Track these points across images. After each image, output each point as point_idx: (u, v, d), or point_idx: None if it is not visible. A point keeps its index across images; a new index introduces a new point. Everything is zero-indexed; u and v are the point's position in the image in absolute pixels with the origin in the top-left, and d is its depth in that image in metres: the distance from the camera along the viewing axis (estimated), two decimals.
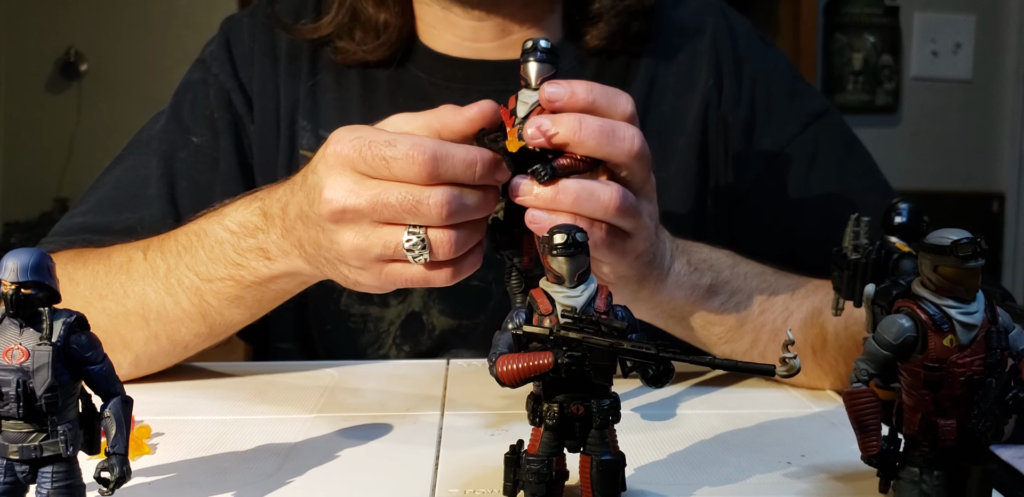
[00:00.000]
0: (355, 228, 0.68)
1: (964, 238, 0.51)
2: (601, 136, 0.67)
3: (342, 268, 0.71)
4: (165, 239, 0.85)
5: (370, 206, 0.66)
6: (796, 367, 0.52)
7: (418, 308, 1.03)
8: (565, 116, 0.67)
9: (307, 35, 1.05)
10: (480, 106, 0.70)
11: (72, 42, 3.17)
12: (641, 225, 0.73)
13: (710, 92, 1.05)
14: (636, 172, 0.71)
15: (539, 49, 0.70)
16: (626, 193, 0.70)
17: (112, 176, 1.03)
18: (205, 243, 0.81)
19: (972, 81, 3.32)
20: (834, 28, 3.28)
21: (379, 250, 0.67)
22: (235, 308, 0.83)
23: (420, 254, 0.67)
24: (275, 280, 0.79)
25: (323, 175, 0.68)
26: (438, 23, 1.03)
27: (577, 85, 0.69)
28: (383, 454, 0.69)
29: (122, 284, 0.85)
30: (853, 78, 3.27)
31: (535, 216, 0.68)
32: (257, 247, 0.77)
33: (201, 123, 1.04)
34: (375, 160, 0.66)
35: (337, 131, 0.69)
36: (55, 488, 0.51)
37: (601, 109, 0.69)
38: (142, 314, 0.84)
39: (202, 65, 1.08)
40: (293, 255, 0.76)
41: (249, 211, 0.79)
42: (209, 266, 0.80)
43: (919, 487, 0.54)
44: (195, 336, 0.86)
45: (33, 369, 0.50)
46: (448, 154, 0.65)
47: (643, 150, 0.70)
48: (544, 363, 0.53)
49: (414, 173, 0.65)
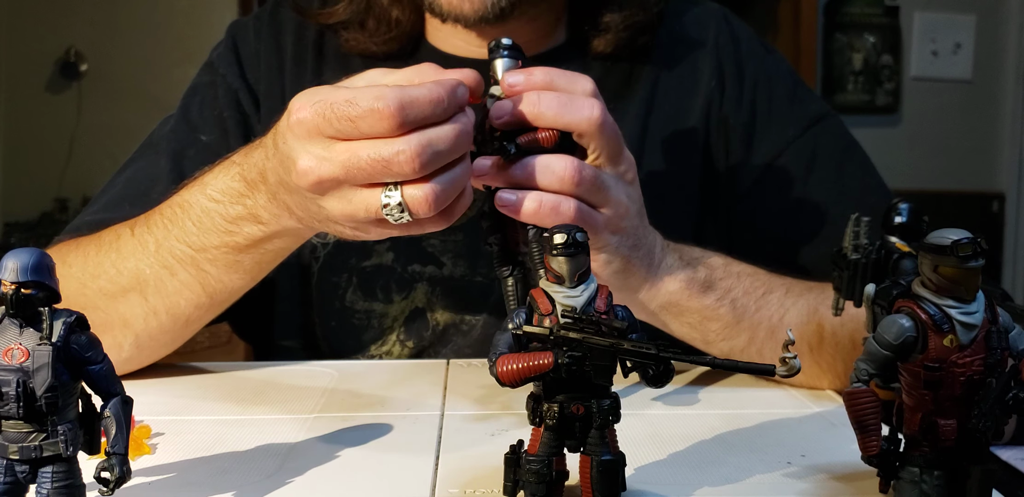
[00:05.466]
0: (336, 194, 0.67)
1: (964, 238, 0.51)
2: (559, 106, 0.70)
3: (335, 227, 0.72)
4: (151, 214, 0.85)
5: (344, 172, 0.65)
6: (796, 367, 0.52)
7: (422, 304, 1.03)
8: (524, 94, 0.70)
9: (321, 20, 1.05)
10: (463, 71, 0.71)
11: (72, 42, 3.17)
12: (612, 199, 0.74)
13: (712, 94, 1.06)
14: (603, 145, 0.72)
15: (502, 46, 0.74)
16: (582, 164, 0.71)
17: (123, 177, 1.04)
18: (191, 214, 0.80)
19: (972, 81, 3.32)
20: (834, 28, 3.28)
21: (363, 214, 0.67)
22: (234, 273, 0.83)
23: (400, 217, 0.66)
24: (271, 240, 0.79)
25: (292, 145, 0.67)
26: (444, 27, 1.04)
27: (535, 70, 0.71)
28: (383, 454, 0.69)
29: (113, 263, 0.85)
30: (853, 78, 3.27)
31: (501, 197, 0.69)
32: (247, 213, 0.77)
33: (210, 122, 1.05)
34: (340, 122, 0.65)
35: (297, 97, 0.67)
36: (55, 488, 0.51)
37: (559, 88, 0.71)
38: (139, 290, 0.84)
39: (210, 68, 1.09)
40: (284, 217, 0.76)
41: (229, 177, 0.78)
42: (200, 236, 0.80)
43: (919, 487, 0.54)
44: (195, 307, 0.85)
45: (33, 369, 0.50)
46: (412, 98, 0.64)
47: (604, 118, 0.71)
48: (544, 363, 0.53)
49: (383, 127, 0.64)
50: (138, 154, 1.06)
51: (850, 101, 3.25)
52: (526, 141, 0.70)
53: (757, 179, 1.05)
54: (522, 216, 0.71)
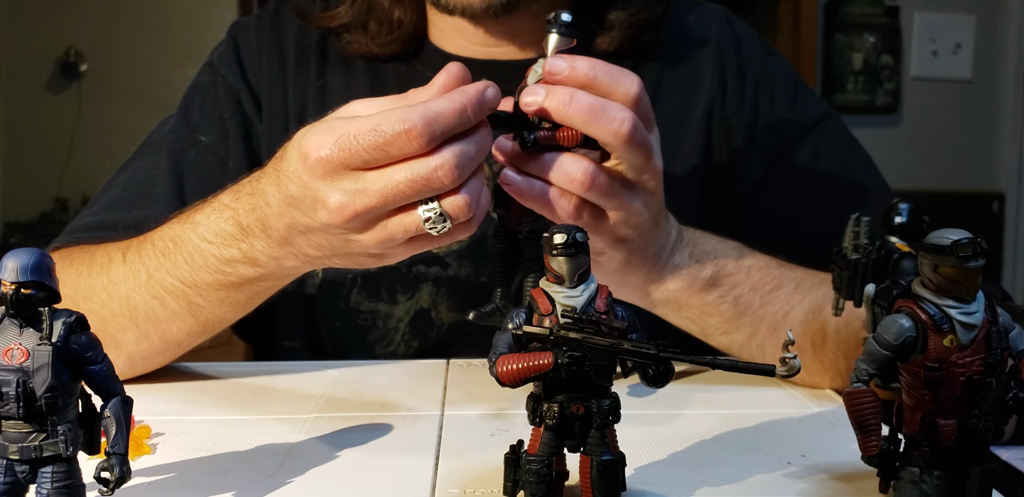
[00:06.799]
0: (372, 224, 0.67)
1: (964, 238, 0.51)
2: (589, 113, 0.67)
3: (359, 259, 0.71)
4: (143, 242, 0.84)
5: (382, 200, 0.65)
6: (796, 367, 0.52)
7: (427, 305, 1.03)
8: (560, 88, 0.68)
9: (322, 23, 1.05)
10: (447, 70, 0.70)
11: (72, 42, 3.17)
12: (623, 208, 0.73)
13: (714, 94, 1.06)
14: (629, 157, 0.71)
15: (560, 22, 0.70)
16: (597, 172, 0.70)
17: (122, 177, 1.04)
18: (183, 251, 0.79)
19: (972, 81, 3.32)
20: (834, 28, 3.28)
21: (401, 236, 0.67)
22: (226, 307, 0.83)
23: (442, 226, 0.67)
24: (265, 279, 0.79)
25: (317, 186, 0.66)
26: (447, 27, 1.03)
27: (580, 60, 0.69)
28: (383, 454, 0.69)
29: (104, 287, 0.84)
30: (853, 78, 3.27)
31: (508, 176, 0.69)
32: (242, 256, 0.76)
33: (210, 123, 1.04)
34: (369, 152, 0.64)
35: (304, 137, 0.67)
36: (55, 488, 0.51)
37: (602, 87, 0.69)
38: (129, 316, 0.84)
39: (210, 68, 1.08)
40: (286, 259, 0.75)
41: (222, 220, 0.77)
42: (192, 273, 0.79)
43: (919, 487, 0.54)
44: (187, 334, 0.85)
45: (33, 369, 0.50)
46: (436, 113, 0.64)
47: (633, 134, 0.69)
48: (544, 363, 0.53)
49: (414, 147, 0.64)
50: (138, 154, 1.06)
51: (850, 101, 3.25)
52: (544, 138, 0.68)
53: (759, 179, 1.05)
54: (521, 197, 0.70)
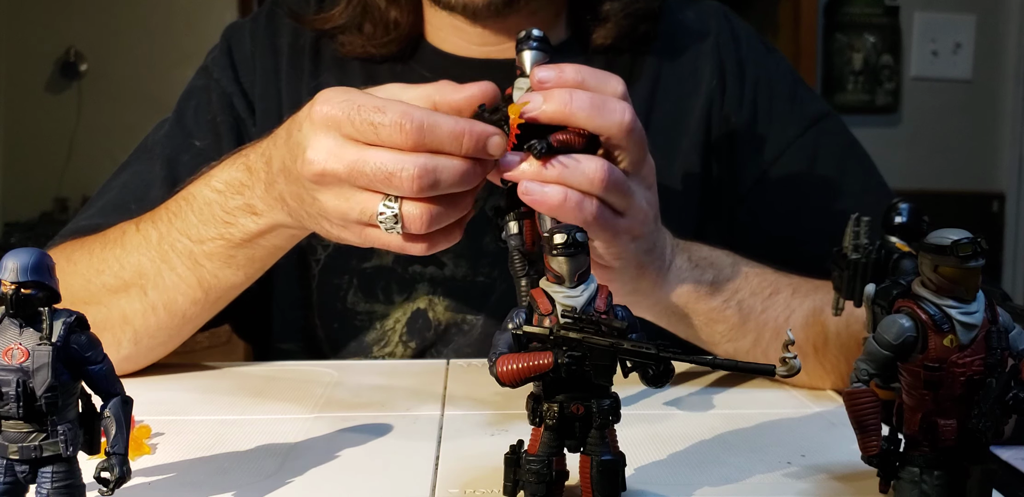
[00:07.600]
0: (335, 190, 0.69)
1: (964, 238, 0.51)
2: (591, 108, 0.69)
3: (324, 223, 0.73)
4: (157, 210, 0.87)
5: (347, 172, 0.67)
6: (796, 367, 0.52)
7: (423, 305, 1.03)
8: (556, 90, 0.69)
9: (317, 26, 1.05)
10: (481, 85, 0.72)
11: (72, 42, 3.17)
12: (634, 205, 0.73)
13: (713, 92, 1.06)
14: (630, 149, 0.72)
15: (532, 38, 0.72)
16: (612, 168, 0.70)
17: (117, 182, 1.04)
18: (194, 206, 0.82)
19: (972, 81, 3.32)
20: (834, 28, 3.28)
21: (356, 215, 0.69)
22: (228, 269, 0.84)
23: (392, 227, 0.68)
24: (264, 235, 0.81)
25: (307, 134, 0.69)
26: (445, 26, 1.03)
27: (566, 67, 0.70)
28: (383, 454, 0.69)
29: (117, 257, 0.86)
30: (853, 78, 3.27)
31: (527, 187, 0.68)
32: (244, 203, 0.79)
33: (203, 127, 1.05)
34: (363, 124, 0.66)
35: (326, 91, 0.69)
36: (55, 488, 0.51)
37: (591, 89, 0.70)
38: (140, 284, 0.85)
39: (205, 72, 1.09)
40: (277, 208, 0.77)
41: (235, 168, 0.80)
42: (200, 228, 0.82)
43: (919, 487, 0.54)
44: (192, 303, 0.86)
45: (33, 369, 0.50)
46: (436, 124, 0.65)
47: (634, 124, 0.70)
48: (544, 363, 0.53)
49: (400, 140, 0.65)
50: (133, 158, 1.06)
51: (850, 101, 3.25)
52: (560, 141, 0.69)
53: (758, 178, 1.05)
54: (545, 207, 0.70)
